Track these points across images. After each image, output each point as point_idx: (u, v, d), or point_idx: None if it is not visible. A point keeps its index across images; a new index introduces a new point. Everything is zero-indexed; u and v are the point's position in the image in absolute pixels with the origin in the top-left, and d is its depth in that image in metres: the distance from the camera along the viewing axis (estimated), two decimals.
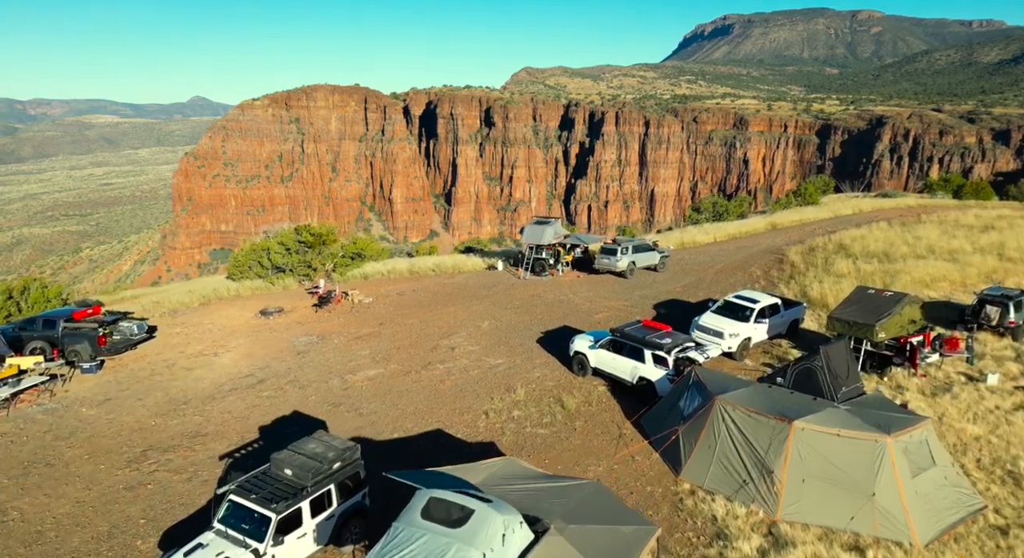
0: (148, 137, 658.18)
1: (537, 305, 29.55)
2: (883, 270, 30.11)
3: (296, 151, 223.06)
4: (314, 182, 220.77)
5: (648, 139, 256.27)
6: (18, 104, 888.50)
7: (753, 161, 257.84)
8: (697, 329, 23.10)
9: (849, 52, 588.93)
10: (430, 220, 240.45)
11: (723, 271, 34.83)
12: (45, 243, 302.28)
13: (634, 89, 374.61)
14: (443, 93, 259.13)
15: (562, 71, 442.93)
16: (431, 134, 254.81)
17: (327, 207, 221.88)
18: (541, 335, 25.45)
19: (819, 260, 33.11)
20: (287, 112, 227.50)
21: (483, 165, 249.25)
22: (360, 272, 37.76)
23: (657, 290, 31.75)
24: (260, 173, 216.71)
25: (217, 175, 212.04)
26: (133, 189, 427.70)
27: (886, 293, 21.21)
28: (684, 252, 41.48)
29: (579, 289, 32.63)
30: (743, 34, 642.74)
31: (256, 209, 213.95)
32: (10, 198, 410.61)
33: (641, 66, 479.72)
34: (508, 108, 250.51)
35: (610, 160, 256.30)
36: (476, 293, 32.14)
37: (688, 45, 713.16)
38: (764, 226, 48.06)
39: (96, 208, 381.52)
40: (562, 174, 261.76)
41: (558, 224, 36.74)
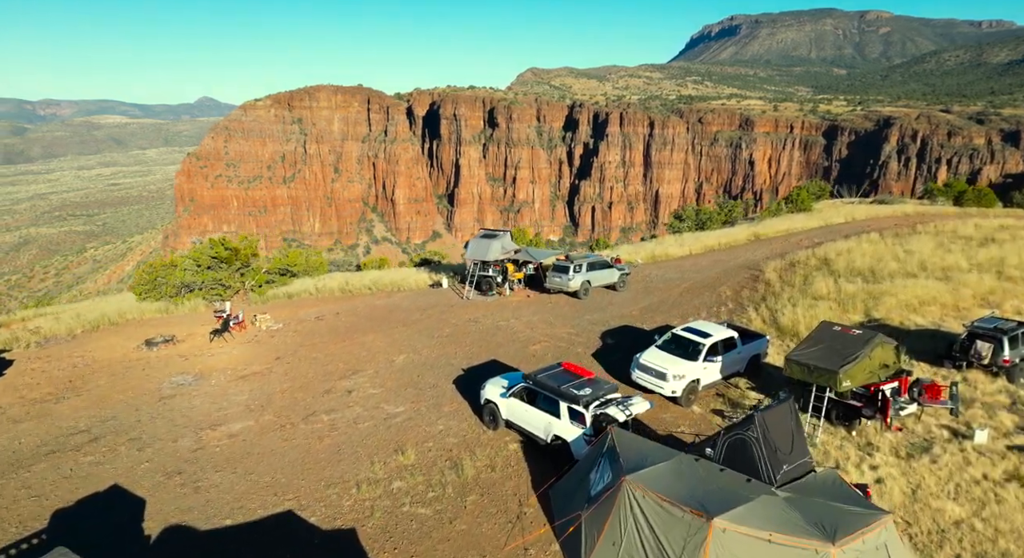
0: (156, 137, 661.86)
1: (470, 332, 26.50)
2: (866, 291, 27.40)
3: (298, 152, 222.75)
4: (316, 183, 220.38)
5: (653, 140, 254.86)
6: (28, 105, 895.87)
7: (759, 162, 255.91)
8: (638, 369, 20.12)
9: (857, 53, 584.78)
10: (433, 221, 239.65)
11: (690, 290, 32.14)
12: (52, 243, 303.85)
13: (640, 90, 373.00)
14: (446, 94, 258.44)
15: (568, 72, 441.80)
16: (434, 135, 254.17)
17: (329, 208, 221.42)
18: (461, 373, 22.17)
19: (798, 278, 30.60)
20: (290, 112, 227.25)
21: (486, 166, 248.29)
22: (285, 291, 34.60)
23: (611, 313, 28.94)
24: (262, 174, 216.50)
25: (219, 175, 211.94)
26: (140, 189, 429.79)
27: (854, 332, 17.79)
28: (653, 267, 38.94)
29: (524, 312, 29.48)
30: (750, 35, 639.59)
31: (258, 210, 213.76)
32: (18, 198, 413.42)
33: (647, 67, 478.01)
34: (512, 109, 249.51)
35: (614, 161, 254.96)
36: (406, 317, 29.10)
37: (695, 46, 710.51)
38: (746, 237, 46.11)
39: (103, 208, 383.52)
40: (566, 175, 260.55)
41: (507, 237, 33.28)
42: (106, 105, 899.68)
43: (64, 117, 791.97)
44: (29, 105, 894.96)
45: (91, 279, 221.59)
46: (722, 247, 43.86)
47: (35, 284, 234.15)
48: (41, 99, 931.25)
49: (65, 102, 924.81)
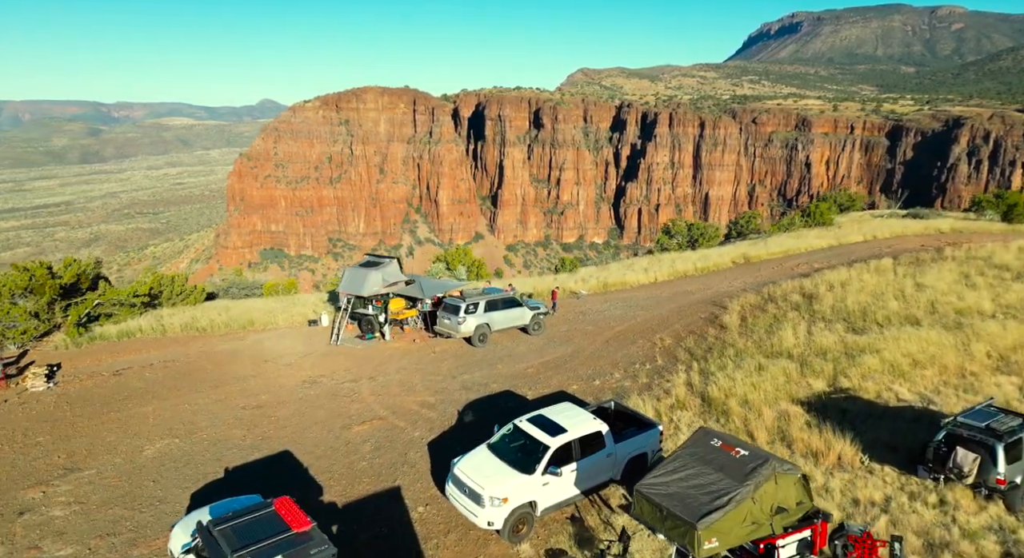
0: (219, 138, 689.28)
1: (290, 402, 21.15)
2: (845, 344, 21.51)
3: (345, 152, 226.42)
4: (362, 184, 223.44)
5: (703, 141, 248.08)
6: (103, 107, 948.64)
7: (816, 164, 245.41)
8: (451, 483, 14.46)
9: (927, 50, 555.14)
10: (476, 222, 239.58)
11: (621, 336, 27.02)
12: (120, 239, 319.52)
13: (693, 89, 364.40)
14: (492, 94, 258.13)
15: (619, 72, 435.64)
16: (479, 136, 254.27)
17: (374, 209, 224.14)
18: (217, 477, 16.35)
19: (763, 322, 25.37)
20: (337, 114, 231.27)
21: (530, 167, 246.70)
22: (121, 329, 28.95)
23: (502, 370, 23.68)
24: (310, 174, 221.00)
25: (268, 176, 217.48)
26: (202, 188, 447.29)
27: (738, 451, 11.29)
28: (599, 300, 34.03)
29: (390, 367, 24.35)
30: (812, 32, 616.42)
31: (305, 210, 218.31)
32: (92, 196, 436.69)
33: (702, 66, 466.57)
34: (558, 109, 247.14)
35: (662, 162, 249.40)
36: (230, 373, 24.02)
37: (753, 44, 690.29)
38: (733, 260, 41.32)
39: (168, 206, 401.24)
40: (612, 176, 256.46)
41: (393, 265, 28.12)
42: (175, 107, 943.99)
43: (136, 119, 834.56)
44: (105, 107, 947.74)
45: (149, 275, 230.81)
46: (698, 273, 38.99)
47: None
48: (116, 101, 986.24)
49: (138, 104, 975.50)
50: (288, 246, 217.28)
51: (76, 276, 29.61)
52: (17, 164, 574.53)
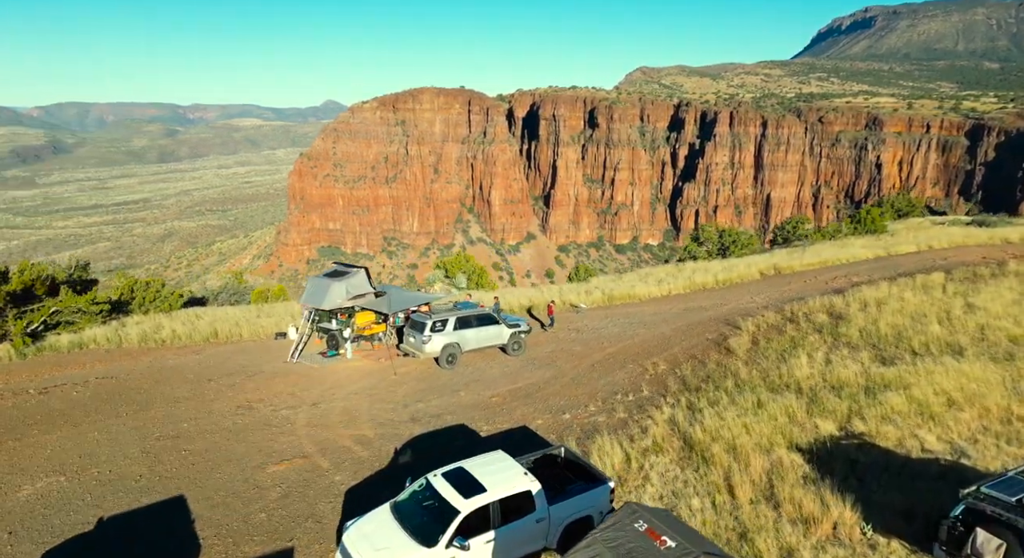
0: (285, 138, 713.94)
1: (212, 432, 18.88)
2: (868, 376, 18.20)
3: (400, 153, 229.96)
4: (416, 183, 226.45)
5: (765, 140, 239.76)
6: (180, 109, 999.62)
7: (887, 165, 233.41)
8: (340, 555, 11.89)
9: (1014, 45, 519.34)
10: (528, 222, 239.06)
11: (611, 358, 24.51)
12: (191, 236, 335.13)
13: (756, 88, 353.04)
14: (547, 94, 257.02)
15: (679, 70, 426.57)
16: (532, 136, 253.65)
17: (428, 208, 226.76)
18: (64, 541, 13.79)
19: (776, 348, 22.39)
20: (394, 114, 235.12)
21: (584, 167, 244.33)
22: (73, 340, 27.27)
23: (463, 398, 21.26)
24: (366, 174, 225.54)
25: (327, 175, 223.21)
26: (268, 187, 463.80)
27: (666, 542, 8.97)
28: (598, 315, 31.80)
29: (340, 391, 22.10)
30: (887, 27, 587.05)
31: (361, 209, 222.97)
32: (167, 194, 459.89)
33: (767, 64, 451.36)
34: (613, 108, 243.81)
35: (722, 162, 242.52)
36: (164, 394, 22.13)
37: (822, 40, 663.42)
38: (759, 271, 38.10)
39: (236, 204, 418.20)
40: (668, 177, 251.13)
41: (358, 277, 25.95)
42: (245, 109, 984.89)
43: (209, 120, 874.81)
44: (181, 109, 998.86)
45: (214, 270, 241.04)
46: (718, 285, 35.89)
47: (170, 273, 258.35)
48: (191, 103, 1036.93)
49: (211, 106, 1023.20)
50: (345, 244, 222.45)
51: (30, 282, 27.69)
52: (101, 163, 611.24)
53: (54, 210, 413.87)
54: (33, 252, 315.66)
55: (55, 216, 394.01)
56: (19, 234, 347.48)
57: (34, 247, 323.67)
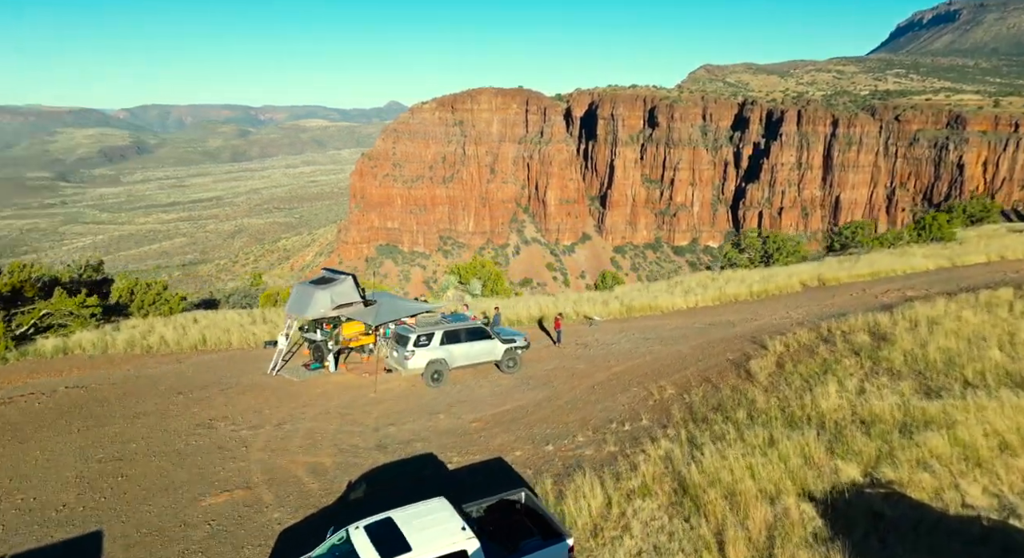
0: (350, 139, 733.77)
1: (158, 455, 17.72)
2: (905, 412, 15.15)
3: (458, 153, 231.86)
4: (472, 183, 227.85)
5: (836, 140, 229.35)
6: (252, 110, 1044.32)
7: (970, 166, 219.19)
8: None
9: None
10: (583, 223, 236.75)
11: (616, 379, 22.52)
12: (259, 232, 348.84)
13: (828, 85, 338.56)
14: (605, 93, 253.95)
15: (745, 68, 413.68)
16: (590, 135, 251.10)
17: (483, 208, 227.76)
18: None
19: (803, 372, 19.41)
20: (452, 115, 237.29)
21: (642, 167, 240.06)
22: (57, 345, 26.26)
23: (443, 422, 19.68)
24: (424, 174, 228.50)
25: (387, 175, 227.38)
26: (332, 186, 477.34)
27: None
28: (612, 328, 29.65)
29: (314, 409, 20.82)
30: (972, 20, 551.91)
31: (419, 208, 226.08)
32: (238, 192, 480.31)
33: (839, 60, 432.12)
34: (674, 107, 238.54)
35: (788, 163, 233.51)
36: (128, 407, 21.03)
37: (901, 35, 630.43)
38: (801, 282, 35.12)
39: (301, 202, 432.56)
40: (731, 177, 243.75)
41: (346, 284, 24.33)
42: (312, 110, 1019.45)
43: (279, 121, 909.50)
44: (253, 111, 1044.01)
45: (279, 267, 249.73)
46: (752, 297, 33.48)
47: (238, 269, 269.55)
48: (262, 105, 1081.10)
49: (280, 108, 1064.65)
50: (402, 243, 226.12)
51: (19, 284, 26.65)
52: (179, 162, 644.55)
53: (136, 207, 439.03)
54: (116, 246, 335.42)
55: (137, 212, 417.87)
56: (104, 229, 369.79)
57: (117, 242, 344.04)
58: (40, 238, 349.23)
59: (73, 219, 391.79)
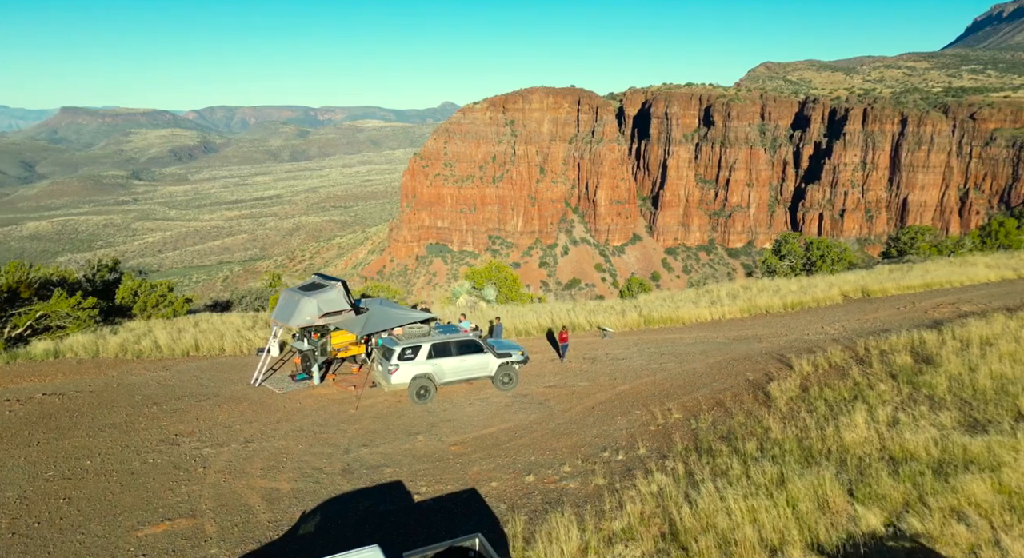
0: (404, 139, 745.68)
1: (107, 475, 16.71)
2: (943, 450, 13.08)
3: (508, 153, 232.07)
4: (522, 183, 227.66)
5: (904, 139, 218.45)
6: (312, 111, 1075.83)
7: None
8: None
9: None
10: (634, 223, 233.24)
11: (619, 399, 20.90)
12: (316, 230, 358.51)
13: (897, 82, 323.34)
14: (660, 92, 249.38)
15: (808, 65, 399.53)
16: (643, 135, 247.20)
17: (532, 208, 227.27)
18: None
19: (829, 398, 17.45)
20: (503, 115, 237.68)
21: (696, 167, 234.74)
22: (48, 348, 25.78)
23: (422, 444, 18.36)
24: (475, 173, 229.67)
25: (438, 174, 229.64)
26: (386, 185, 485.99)
27: None
28: (630, 339, 28.04)
29: (288, 425, 19.84)
30: None
31: (468, 208, 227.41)
32: (296, 190, 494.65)
33: (910, 56, 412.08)
34: (731, 106, 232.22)
35: (851, 163, 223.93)
36: (96, 419, 20.18)
37: (979, 29, 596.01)
38: (841, 294, 32.63)
39: (356, 201, 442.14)
40: (790, 178, 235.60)
41: (335, 291, 23.06)
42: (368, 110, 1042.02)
43: (336, 121, 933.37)
44: (312, 111, 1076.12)
45: (334, 263, 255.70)
46: (785, 309, 31.40)
47: (295, 265, 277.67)
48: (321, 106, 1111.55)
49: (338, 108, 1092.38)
50: (451, 242, 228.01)
51: (14, 285, 25.91)
52: (243, 162, 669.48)
53: (202, 204, 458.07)
54: (183, 242, 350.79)
55: (203, 210, 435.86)
56: (172, 225, 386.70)
57: (184, 237, 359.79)
58: (114, 233, 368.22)
59: (144, 216, 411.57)
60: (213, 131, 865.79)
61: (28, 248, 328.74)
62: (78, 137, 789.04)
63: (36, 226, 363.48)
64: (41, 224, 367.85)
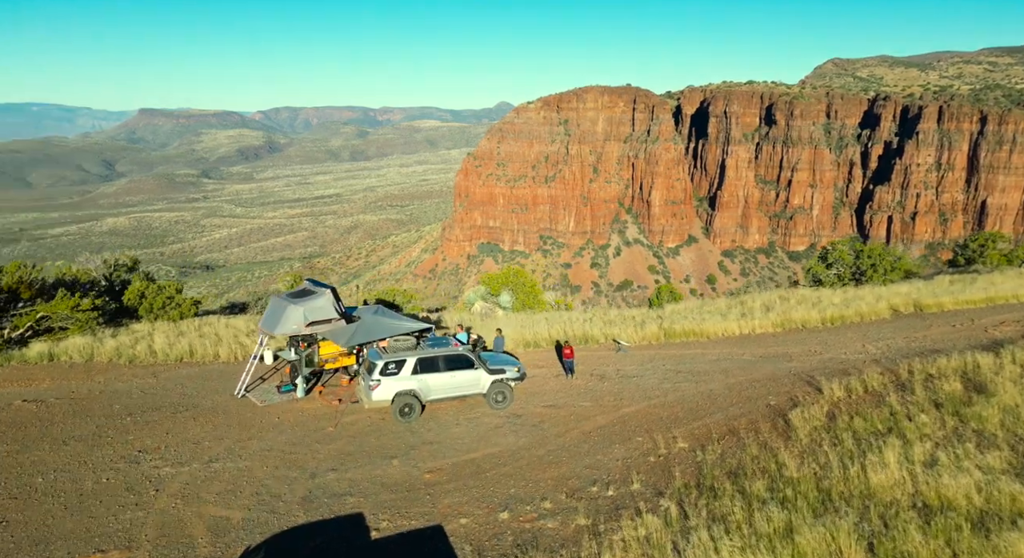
0: (460, 139, 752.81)
1: (56, 495, 15.83)
2: (987, 500, 11.22)
3: (561, 152, 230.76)
4: (575, 182, 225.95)
5: (984, 139, 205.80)
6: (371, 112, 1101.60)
7: None
8: None
9: None
10: (690, 225, 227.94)
11: (620, 424, 19.31)
12: (372, 228, 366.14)
13: (977, 78, 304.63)
14: (719, 90, 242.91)
15: (879, 61, 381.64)
16: (701, 134, 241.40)
17: (584, 208, 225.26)
18: None
19: (859, 429, 15.39)
20: (557, 114, 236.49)
21: (757, 167, 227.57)
22: (42, 351, 25.08)
23: (396, 470, 17.06)
24: (527, 173, 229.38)
25: (490, 174, 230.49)
26: (441, 185, 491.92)
27: None
28: (647, 354, 26.38)
29: (260, 442, 18.86)
30: None
31: (520, 207, 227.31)
32: (355, 189, 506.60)
33: (992, 50, 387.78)
34: (794, 104, 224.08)
35: (925, 163, 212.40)
36: (65, 430, 19.45)
37: None
38: (890, 307, 29.85)
39: (412, 200, 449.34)
40: (857, 179, 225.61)
41: (322, 299, 21.93)
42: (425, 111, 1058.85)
43: (395, 122, 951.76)
44: (372, 112, 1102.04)
45: (388, 262, 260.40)
46: (824, 324, 28.87)
47: (351, 263, 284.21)
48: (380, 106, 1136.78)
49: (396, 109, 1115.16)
50: (503, 241, 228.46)
51: (15, 285, 25.17)
52: (305, 161, 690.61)
53: (266, 202, 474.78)
54: (248, 238, 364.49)
55: (266, 208, 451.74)
56: (238, 222, 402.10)
57: (248, 234, 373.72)
58: (185, 229, 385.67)
59: (212, 212, 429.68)
60: (278, 131, 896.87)
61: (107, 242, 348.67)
62: (154, 137, 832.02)
63: (114, 222, 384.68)
64: (119, 220, 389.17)
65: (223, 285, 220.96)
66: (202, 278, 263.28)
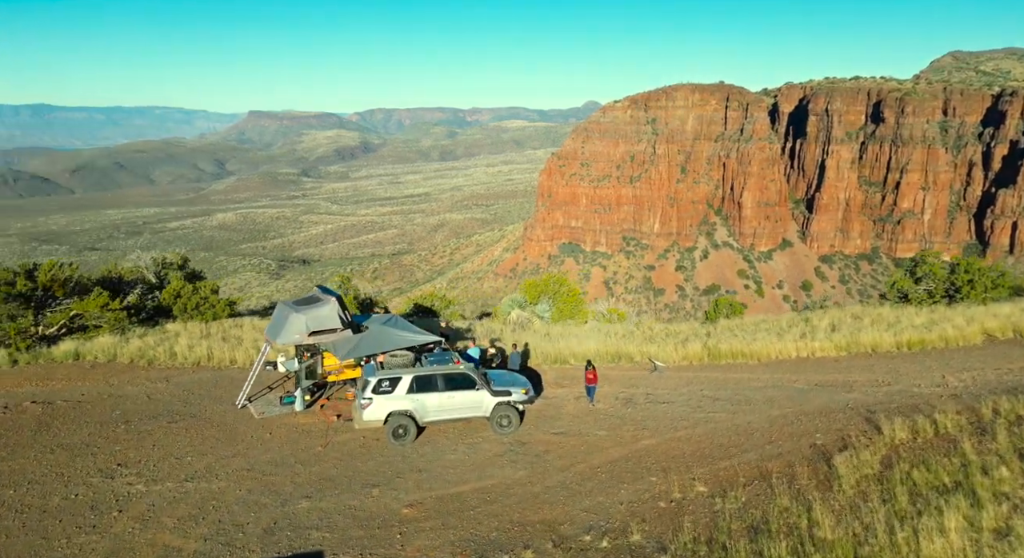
0: (546, 139, 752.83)
1: (25, 509, 15.33)
2: None
3: (647, 152, 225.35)
4: (661, 183, 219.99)
5: None
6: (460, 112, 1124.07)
7: None
8: None
9: None
10: (784, 228, 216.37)
11: (634, 459, 17.29)
12: (458, 227, 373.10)
13: None
14: (820, 87, 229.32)
15: (1006, 53, 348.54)
16: (799, 133, 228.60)
17: (671, 208, 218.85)
18: None
19: (919, 482, 12.97)
20: (645, 113, 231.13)
21: (860, 168, 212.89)
22: (68, 350, 24.91)
23: (374, 501, 15.68)
24: (611, 173, 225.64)
25: (574, 174, 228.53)
26: (526, 185, 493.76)
27: None
28: (684, 377, 24.13)
29: (245, 460, 17.95)
30: None
31: (603, 208, 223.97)
32: (443, 189, 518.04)
33: None
34: (905, 101, 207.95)
35: None
36: (60, 437, 19.05)
37: None
38: (985, 330, 25.87)
39: (497, 200, 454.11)
40: (977, 181, 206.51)
41: (327, 308, 20.59)
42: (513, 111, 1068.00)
43: (483, 122, 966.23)
44: (461, 112, 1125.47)
45: (471, 260, 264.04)
46: (898, 349, 25.41)
47: (436, 260, 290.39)
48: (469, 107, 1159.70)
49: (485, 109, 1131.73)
50: (584, 242, 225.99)
51: (48, 283, 25.05)
52: (397, 161, 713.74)
53: (360, 200, 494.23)
54: (341, 234, 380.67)
55: (360, 205, 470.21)
56: (333, 219, 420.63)
57: (342, 230, 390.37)
58: (285, 225, 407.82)
59: (310, 210, 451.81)
60: (372, 132, 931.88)
61: (216, 236, 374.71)
62: (260, 138, 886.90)
63: (223, 217, 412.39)
64: (227, 215, 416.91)
65: (317, 278, 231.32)
66: (299, 271, 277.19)
